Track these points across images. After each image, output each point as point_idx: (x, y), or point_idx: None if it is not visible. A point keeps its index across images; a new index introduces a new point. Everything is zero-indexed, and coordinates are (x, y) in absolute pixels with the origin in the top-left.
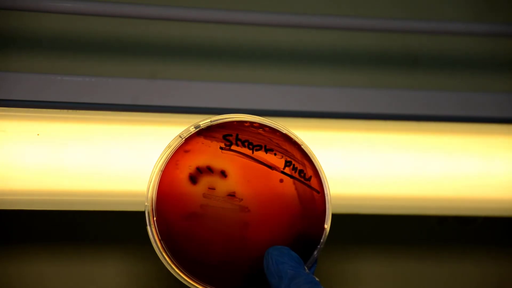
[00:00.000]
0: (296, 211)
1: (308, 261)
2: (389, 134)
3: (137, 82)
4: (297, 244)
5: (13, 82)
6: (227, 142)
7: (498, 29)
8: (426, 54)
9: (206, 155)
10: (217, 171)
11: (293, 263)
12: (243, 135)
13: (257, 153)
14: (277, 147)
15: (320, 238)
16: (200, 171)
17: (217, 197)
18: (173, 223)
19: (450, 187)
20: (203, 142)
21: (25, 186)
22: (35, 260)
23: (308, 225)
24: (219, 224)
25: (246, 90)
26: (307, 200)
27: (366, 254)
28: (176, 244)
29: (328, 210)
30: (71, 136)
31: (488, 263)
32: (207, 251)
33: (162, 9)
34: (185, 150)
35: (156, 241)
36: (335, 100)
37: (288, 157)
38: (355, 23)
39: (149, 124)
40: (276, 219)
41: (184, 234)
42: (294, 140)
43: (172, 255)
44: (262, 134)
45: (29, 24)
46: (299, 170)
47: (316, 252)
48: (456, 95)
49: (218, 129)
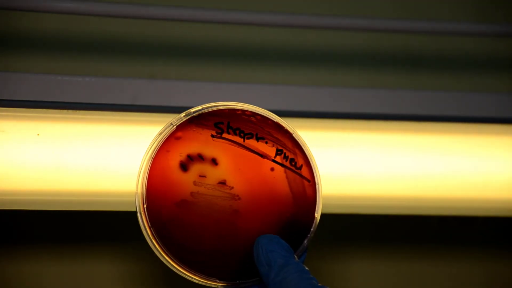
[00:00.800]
0: (286, 200)
1: (298, 249)
2: (389, 134)
3: (136, 82)
4: (287, 233)
5: (13, 82)
6: (218, 129)
7: (498, 29)
8: (426, 54)
9: (197, 142)
10: (208, 158)
11: (283, 251)
12: (234, 123)
13: (248, 141)
14: (269, 136)
15: (311, 227)
16: (191, 158)
17: (207, 185)
18: (164, 211)
19: (450, 187)
20: (194, 129)
21: (25, 186)
22: (35, 260)
23: (299, 213)
24: (210, 211)
25: (246, 90)
26: (298, 189)
27: (366, 254)
28: (167, 231)
29: (318, 198)
30: (71, 136)
31: (488, 263)
32: (198, 238)
33: (162, 9)
34: (176, 137)
35: (146, 228)
36: (335, 100)
37: (279, 146)
38: (355, 23)
39: (149, 124)
40: (267, 208)
41: (175, 222)
42: (285, 128)
43: (162, 243)
44: (253, 122)
45: (29, 24)
46: (290, 158)
47: (306, 241)
48: (456, 95)
49: (210, 117)
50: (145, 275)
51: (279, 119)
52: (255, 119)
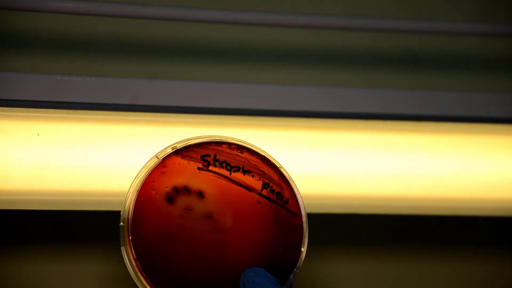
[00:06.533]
0: (273, 234)
1: (285, 284)
2: (389, 134)
3: (137, 82)
4: (273, 267)
5: (13, 82)
6: (205, 162)
7: (498, 29)
8: (426, 54)
9: (183, 175)
10: (194, 191)
11: (269, 284)
12: (221, 156)
13: (234, 174)
14: (255, 169)
15: (297, 261)
16: (177, 191)
17: (193, 218)
18: (149, 243)
19: (450, 187)
20: (180, 162)
21: (25, 186)
22: (35, 260)
23: (285, 247)
24: (196, 244)
25: (246, 90)
26: (284, 223)
27: (365, 254)
28: (152, 264)
29: (305, 233)
30: (71, 136)
31: (488, 263)
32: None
33: (162, 9)
34: (162, 172)
35: (131, 261)
36: (334, 100)
37: (266, 179)
38: (355, 23)
39: (149, 124)
40: (253, 241)
41: (160, 254)
42: (272, 162)
43: (147, 275)
44: (240, 155)
45: (29, 24)
46: (276, 192)
47: (292, 276)
48: (456, 95)
49: (196, 149)
50: None
51: (266, 153)
52: (241, 153)
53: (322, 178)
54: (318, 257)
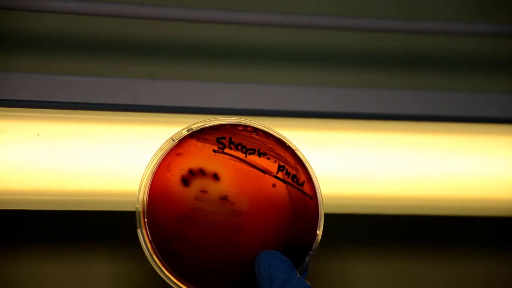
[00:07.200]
0: (288, 216)
1: (300, 266)
2: (389, 134)
3: (137, 82)
4: (288, 249)
5: (13, 82)
6: (220, 145)
7: (499, 29)
8: (426, 54)
9: (199, 157)
10: (209, 174)
11: (284, 267)
12: (236, 139)
13: (250, 157)
14: (271, 152)
15: (312, 244)
16: (192, 173)
17: (209, 200)
18: (164, 226)
19: (450, 187)
20: (195, 144)
21: (25, 186)
22: (35, 260)
23: (300, 230)
24: (211, 227)
25: (246, 90)
26: (300, 206)
27: (366, 254)
28: (167, 246)
29: (320, 216)
30: (71, 136)
31: (488, 263)
32: (198, 254)
33: (162, 9)
34: (177, 153)
35: (147, 243)
36: (334, 100)
37: (282, 162)
38: (355, 23)
39: (149, 124)
40: (268, 224)
41: (175, 237)
42: (287, 145)
43: (163, 258)
44: (255, 138)
45: (29, 24)
46: (292, 175)
47: (308, 258)
48: (456, 95)
49: (212, 131)
50: (146, 274)
51: (281, 135)
52: (257, 135)
53: (322, 178)
54: (318, 257)
